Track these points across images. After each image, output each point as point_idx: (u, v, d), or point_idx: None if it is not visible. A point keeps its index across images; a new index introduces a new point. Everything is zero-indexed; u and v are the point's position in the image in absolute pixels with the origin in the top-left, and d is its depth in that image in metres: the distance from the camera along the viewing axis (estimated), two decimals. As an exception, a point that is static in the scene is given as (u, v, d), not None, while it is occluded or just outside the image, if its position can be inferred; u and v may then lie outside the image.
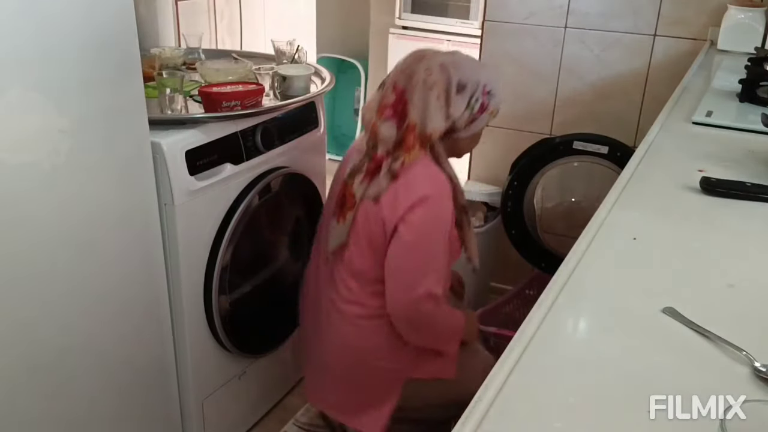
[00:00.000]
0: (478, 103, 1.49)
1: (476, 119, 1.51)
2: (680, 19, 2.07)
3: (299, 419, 1.96)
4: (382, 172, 1.47)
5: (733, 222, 0.98)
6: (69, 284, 1.26)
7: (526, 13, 2.25)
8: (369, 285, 1.52)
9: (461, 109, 1.48)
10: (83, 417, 1.36)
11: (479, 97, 1.49)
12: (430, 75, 1.47)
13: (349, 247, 1.51)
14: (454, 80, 1.48)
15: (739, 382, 0.64)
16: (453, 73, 1.48)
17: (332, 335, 1.58)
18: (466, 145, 1.58)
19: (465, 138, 1.54)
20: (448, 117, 1.48)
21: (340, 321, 1.56)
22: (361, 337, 1.56)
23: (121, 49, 1.26)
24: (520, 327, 0.72)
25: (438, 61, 1.49)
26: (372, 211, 1.47)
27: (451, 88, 1.47)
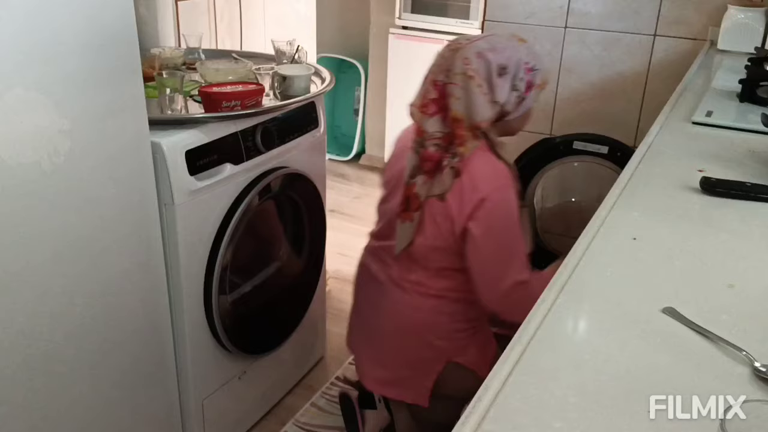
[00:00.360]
0: (523, 83, 1.49)
1: (524, 98, 1.50)
2: (680, 19, 2.07)
3: (299, 419, 1.96)
4: (444, 171, 1.47)
5: (733, 222, 0.98)
6: (68, 284, 1.26)
7: (526, 13, 2.25)
8: (432, 271, 1.56)
9: (506, 92, 1.48)
10: (83, 417, 1.36)
11: (522, 76, 1.48)
12: (469, 65, 1.46)
13: (414, 244, 1.54)
14: (494, 65, 1.46)
15: (739, 382, 0.64)
16: (492, 58, 1.47)
17: (389, 308, 1.62)
18: (519, 124, 1.58)
19: (517, 118, 1.54)
20: (495, 103, 1.47)
21: (400, 296, 1.60)
22: (418, 313, 1.59)
23: (121, 49, 1.26)
24: (520, 327, 0.72)
25: (474, 50, 1.48)
26: (439, 209, 1.48)
27: (492, 73, 1.46)
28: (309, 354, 2.18)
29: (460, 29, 3.33)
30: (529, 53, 1.51)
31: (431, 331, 1.61)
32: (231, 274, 1.68)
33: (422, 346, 1.62)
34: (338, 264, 2.81)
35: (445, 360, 1.61)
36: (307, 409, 2.00)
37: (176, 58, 1.87)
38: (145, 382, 1.51)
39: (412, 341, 1.63)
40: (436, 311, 1.59)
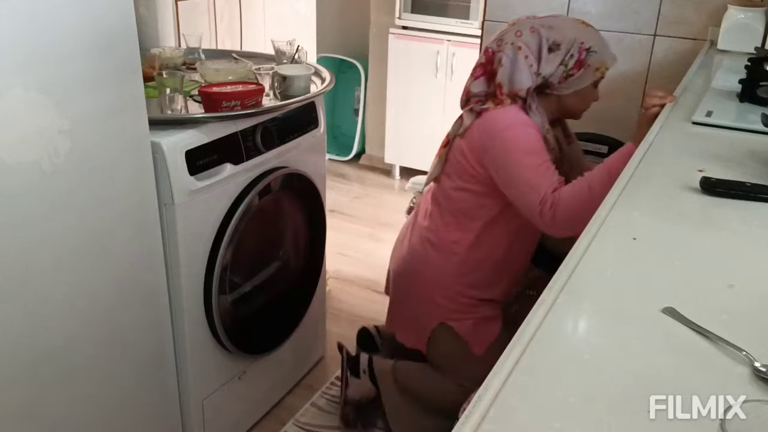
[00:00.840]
0: (573, 60, 1.55)
1: (572, 75, 1.57)
2: (680, 19, 2.07)
3: (299, 419, 1.96)
4: (466, 111, 1.61)
5: (733, 222, 0.98)
6: (68, 284, 1.26)
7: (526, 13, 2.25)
8: (448, 214, 1.66)
9: (554, 67, 1.55)
10: (83, 417, 1.36)
11: (574, 54, 1.55)
12: (520, 37, 1.56)
13: (441, 178, 1.68)
14: (547, 40, 1.55)
15: (739, 382, 0.64)
16: (545, 33, 1.56)
17: (404, 253, 1.77)
18: (575, 104, 1.64)
19: (569, 95, 1.61)
20: (539, 74, 1.56)
21: (414, 243, 1.73)
22: (424, 262, 1.71)
23: (121, 49, 1.26)
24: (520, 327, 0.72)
25: (530, 24, 1.58)
26: (459, 145, 1.61)
27: (543, 48, 1.55)
28: (309, 354, 2.18)
29: (460, 29, 3.34)
30: (591, 36, 1.58)
31: (434, 287, 1.70)
32: (231, 274, 1.68)
33: (424, 299, 1.72)
34: (338, 264, 2.81)
35: (440, 318, 1.70)
36: (307, 409, 2.00)
37: (176, 58, 1.87)
38: (145, 382, 1.51)
39: (416, 291, 1.73)
40: (443, 268, 1.68)
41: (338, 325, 2.34)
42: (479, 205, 1.63)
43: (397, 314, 1.84)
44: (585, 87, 1.60)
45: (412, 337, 1.79)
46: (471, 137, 1.58)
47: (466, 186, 1.63)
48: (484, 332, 1.70)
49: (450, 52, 3.39)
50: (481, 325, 1.69)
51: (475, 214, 1.64)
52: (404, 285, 1.79)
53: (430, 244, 1.70)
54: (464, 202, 1.64)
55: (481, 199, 1.62)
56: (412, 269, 1.75)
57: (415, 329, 1.77)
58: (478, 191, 1.62)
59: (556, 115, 1.65)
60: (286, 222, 1.96)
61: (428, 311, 1.72)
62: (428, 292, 1.71)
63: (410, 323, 1.79)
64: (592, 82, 1.60)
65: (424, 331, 1.73)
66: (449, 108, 3.47)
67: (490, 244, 1.65)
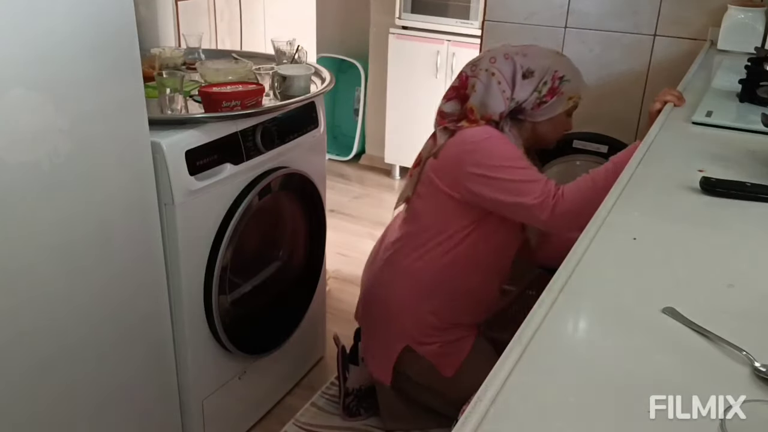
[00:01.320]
0: (546, 87, 1.57)
1: (545, 102, 1.58)
2: (680, 19, 2.07)
3: (299, 419, 1.96)
4: (439, 130, 1.60)
5: (733, 222, 0.98)
6: (68, 284, 1.26)
7: (526, 13, 2.24)
8: (415, 237, 1.66)
9: (528, 93, 1.57)
10: (83, 417, 1.36)
11: (548, 81, 1.57)
12: (494, 63, 1.58)
13: (412, 200, 1.68)
14: (521, 67, 1.57)
15: (739, 382, 0.64)
16: (519, 61, 1.58)
17: (371, 276, 1.78)
18: (547, 132, 1.65)
19: (543, 122, 1.62)
20: (512, 99, 1.57)
21: (381, 263, 1.74)
22: (390, 286, 1.71)
23: (121, 49, 1.26)
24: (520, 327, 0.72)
25: (503, 52, 1.59)
26: (432, 166, 1.61)
27: (517, 74, 1.57)
28: (309, 354, 2.18)
29: (460, 29, 3.34)
30: (565, 65, 1.61)
31: (399, 310, 1.69)
32: (231, 274, 1.68)
33: (390, 322, 1.72)
34: (338, 264, 2.81)
35: (405, 341, 1.69)
36: (307, 409, 2.00)
37: (176, 58, 1.87)
38: (145, 382, 1.51)
39: (383, 315, 1.74)
40: (407, 292, 1.67)
41: (338, 325, 2.34)
42: (448, 230, 1.62)
43: (367, 341, 1.84)
44: (558, 115, 1.61)
45: (378, 366, 1.78)
46: (445, 156, 1.57)
47: (436, 208, 1.62)
48: (452, 354, 1.69)
49: (450, 52, 3.39)
50: (447, 347, 1.68)
51: (442, 238, 1.62)
52: (372, 310, 1.78)
53: (396, 267, 1.69)
54: (433, 225, 1.63)
55: (450, 223, 1.61)
56: (378, 294, 1.75)
57: (381, 357, 1.76)
58: (449, 215, 1.60)
59: (530, 142, 1.65)
60: (286, 222, 1.96)
61: (395, 335, 1.71)
62: (394, 316, 1.70)
63: (377, 350, 1.78)
64: (565, 110, 1.61)
65: (390, 357, 1.72)
66: (449, 108, 3.47)
67: (456, 269, 1.64)
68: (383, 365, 1.75)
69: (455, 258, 1.63)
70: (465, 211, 1.58)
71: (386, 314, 1.72)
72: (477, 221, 1.59)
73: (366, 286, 1.81)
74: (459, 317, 1.70)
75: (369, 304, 1.79)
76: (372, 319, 1.79)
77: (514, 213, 1.53)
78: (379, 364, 1.77)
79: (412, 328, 1.68)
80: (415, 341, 1.68)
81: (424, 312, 1.66)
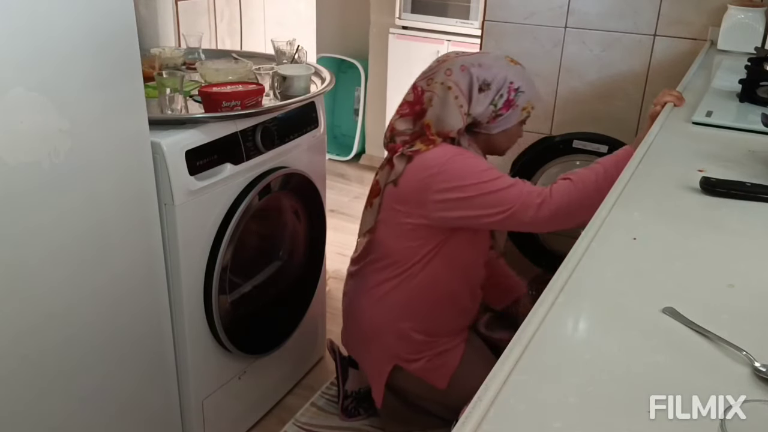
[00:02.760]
0: (502, 100, 1.54)
1: (501, 115, 1.55)
2: (680, 19, 2.07)
3: (299, 419, 1.96)
4: (397, 158, 1.55)
5: (733, 222, 0.98)
6: (68, 284, 1.26)
7: (526, 13, 2.25)
8: (382, 262, 1.63)
9: (484, 106, 1.53)
10: (83, 416, 1.36)
11: (504, 93, 1.53)
12: (450, 76, 1.53)
13: (376, 228, 1.64)
14: (477, 80, 1.53)
15: (739, 382, 0.64)
16: (475, 73, 1.53)
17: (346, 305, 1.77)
18: (502, 142, 1.62)
19: (498, 134, 1.59)
20: (468, 114, 1.53)
21: (352, 293, 1.73)
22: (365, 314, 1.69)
23: (121, 49, 1.26)
24: (520, 327, 0.72)
25: (459, 63, 1.55)
26: (393, 194, 1.57)
27: (473, 87, 1.53)
28: (309, 354, 2.18)
29: (460, 29, 3.33)
30: (520, 76, 1.57)
31: (382, 332, 1.67)
32: (231, 274, 1.68)
33: (375, 345, 1.70)
34: (338, 264, 2.81)
35: (391, 360, 1.68)
36: (307, 409, 2.00)
37: (176, 58, 1.87)
38: (145, 382, 1.51)
39: (367, 340, 1.72)
40: (384, 316, 1.65)
41: (338, 325, 2.33)
42: (414, 254, 1.59)
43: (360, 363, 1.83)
44: (512, 126, 1.59)
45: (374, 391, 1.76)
46: (406, 183, 1.53)
47: (400, 236, 1.59)
48: (442, 366, 1.68)
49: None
50: (435, 360, 1.67)
51: (409, 264, 1.60)
52: (353, 337, 1.78)
53: (367, 294, 1.68)
54: (398, 251, 1.61)
55: (416, 249, 1.59)
56: (354, 320, 1.74)
57: (373, 378, 1.75)
58: (413, 241, 1.58)
59: (485, 152, 1.63)
60: (286, 222, 1.96)
61: (379, 356, 1.70)
62: (374, 339, 1.69)
63: (368, 372, 1.77)
64: (519, 120, 1.59)
65: (380, 378, 1.71)
66: (449, 108, 3.47)
67: (428, 288, 1.62)
68: (374, 387, 1.74)
69: (425, 278, 1.61)
70: (430, 235, 1.56)
71: (366, 339, 1.72)
72: (442, 240, 1.57)
73: (344, 313, 1.80)
74: (442, 327, 1.68)
75: (349, 331, 1.80)
76: (356, 345, 1.79)
77: (501, 224, 1.49)
78: (371, 385, 1.77)
79: (396, 347, 1.66)
80: (402, 359, 1.66)
81: (405, 330, 1.65)
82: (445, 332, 1.68)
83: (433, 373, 1.67)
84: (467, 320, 1.76)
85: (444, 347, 1.68)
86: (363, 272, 1.70)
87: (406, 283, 1.61)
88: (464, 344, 1.71)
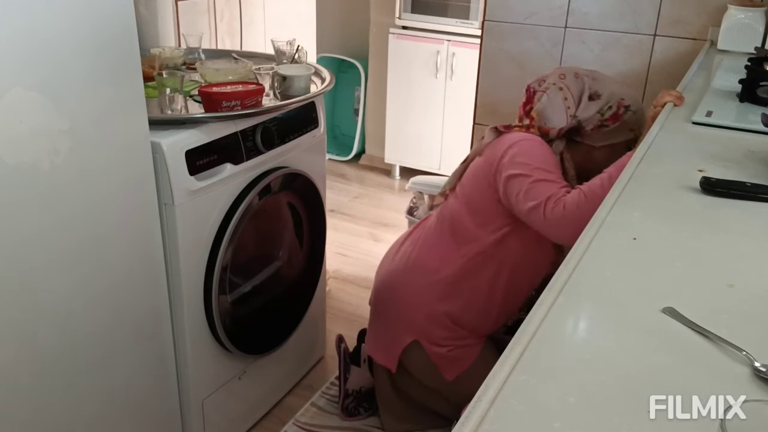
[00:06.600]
0: (611, 111, 1.57)
1: (607, 126, 1.57)
2: (680, 19, 2.07)
3: (299, 419, 1.96)
4: (488, 130, 1.61)
5: (733, 222, 0.98)
6: (68, 284, 1.26)
7: (527, 13, 2.25)
8: (444, 235, 1.65)
9: (591, 113, 1.56)
10: (83, 416, 1.36)
11: (613, 106, 1.57)
12: (563, 79, 1.58)
13: (450, 195, 1.68)
14: (589, 89, 1.58)
15: (739, 382, 0.64)
16: (588, 83, 1.59)
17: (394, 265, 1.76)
18: (603, 159, 1.58)
19: (601, 148, 1.59)
20: (574, 117, 1.56)
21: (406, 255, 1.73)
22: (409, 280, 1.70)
23: (121, 49, 1.26)
24: (520, 327, 0.72)
25: (574, 71, 1.61)
26: (477, 164, 1.61)
27: (584, 94, 1.57)
28: (309, 354, 2.18)
29: (460, 29, 3.34)
30: (632, 97, 1.60)
31: (416, 305, 1.68)
32: (231, 274, 1.68)
33: (403, 314, 1.71)
34: (338, 264, 2.82)
35: (415, 335, 1.68)
36: (307, 409, 2.00)
37: (176, 58, 1.87)
38: (145, 382, 1.51)
39: (397, 305, 1.72)
40: (426, 289, 1.66)
41: (338, 325, 2.34)
42: (476, 233, 1.60)
43: (375, 327, 1.82)
44: (617, 143, 1.59)
45: (384, 353, 1.77)
46: (488, 154, 1.57)
47: (469, 209, 1.61)
48: (459, 359, 1.68)
49: (450, 52, 3.39)
50: (456, 352, 1.67)
51: (469, 241, 1.61)
52: (387, 298, 1.77)
53: (416, 262, 1.68)
54: (462, 226, 1.62)
55: (479, 227, 1.59)
56: (397, 283, 1.73)
57: (389, 344, 1.74)
58: (480, 217, 1.59)
59: (582, 166, 1.60)
60: (286, 222, 1.96)
61: (406, 326, 1.70)
62: (409, 309, 1.69)
63: (385, 337, 1.77)
64: (625, 141, 1.59)
65: (397, 345, 1.71)
66: (449, 108, 3.47)
67: (478, 276, 1.62)
68: (390, 353, 1.74)
69: (480, 264, 1.61)
70: (496, 216, 1.56)
71: (399, 305, 1.71)
72: (507, 228, 1.56)
73: (383, 273, 1.79)
74: (472, 324, 1.67)
75: (383, 292, 1.78)
76: (384, 307, 1.77)
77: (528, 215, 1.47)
78: (386, 351, 1.75)
79: (424, 325, 1.67)
80: (426, 339, 1.67)
81: (439, 312, 1.65)
82: (471, 329, 1.68)
83: (448, 363, 1.67)
84: (493, 328, 1.74)
85: (467, 342, 1.68)
86: (424, 238, 1.70)
87: (459, 263, 1.62)
88: (482, 346, 1.71)
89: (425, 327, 1.67)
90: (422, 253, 1.68)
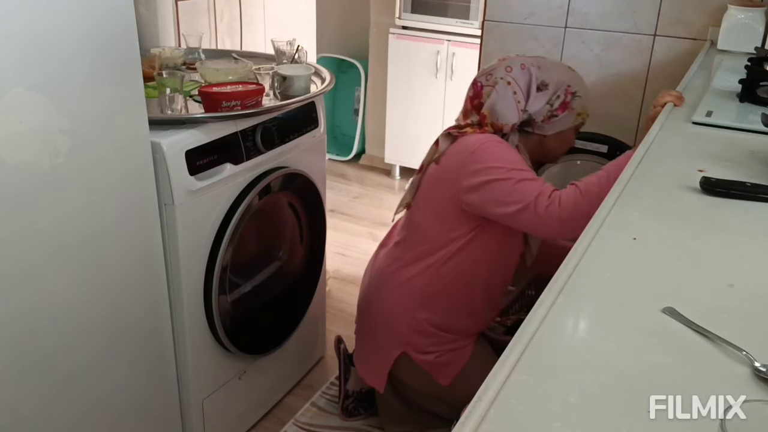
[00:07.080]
0: (559, 101, 1.57)
1: (556, 116, 1.58)
2: (680, 19, 2.07)
3: (299, 419, 1.96)
4: (442, 136, 1.59)
5: (733, 222, 0.98)
6: (68, 284, 1.26)
7: (526, 13, 2.25)
8: (411, 245, 1.65)
9: (540, 105, 1.56)
10: (83, 416, 1.36)
11: (561, 95, 1.57)
12: (510, 72, 1.56)
13: (412, 206, 1.67)
14: (536, 79, 1.56)
15: (739, 382, 0.64)
16: (535, 73, 1.57)
17: (367, 281, 1.78)
18: (555, 146, 1.64)
19: (551, 137, 1.61)
20: (525, 111, 1.56)
21: (378, 270, 1.73)
22: (384, 293, 1.70)
23: (121, 49, 1.26)
24: (520, 327, 0.72)
25: (519, 62, 1.58)
26: (434, 172, 1.60)
27: (532, 85, 1.56)
28: (309, 354, 2.18)
29: (460, 29, 3.34)
30: (577, 81, 1.61)
31: (395, 317, 1.68)
32: (231, 274, 1.68)
33: (385, 328, 1.70)
34: (338, 264, 2.82)
35: (401, 347, 1.68)
36: (307, 409, 2.00)
37: (176, 58, 1.87)
38: (145, 382, 1.51)
39: (379, 320, 1.72)
40: (402, 300, 1.66)
41: (338, 325, 2.34)
42: (446, 239, 1.59)
43: (361, 347, 1.82)
44: (567, 130, 1.61)
45: (371, 374, 1.76)
46: (447, 162, 1.56)
47: (434, 217, 1.60)
48: (450, 363, 1.67)
49: (450, 52, 3.39)
50: (445, 356, 1.67)
51: (439, 248, 1.60)
52: (367, 316, 1.77)
53: (391, 275, 1.68)
54: (430, 234, 1.61)
55: (448, 233, 1.59)
56: (372, 300, 1.74)
57: (377, 363, 1.74)
58: (447, 224, 1.59)
59: (536, 156, 1.64)
60: (286, 222, 1.96)
61: (390, 340, 1.69)
62: (389, 322, 1.69)
63: (373, 357, 1.76)
64: (574, 125, 1.61)
65: (385, 363, 1.70)
66: (449, 108, 3.47)
67: (453, 280, 1.62)
68: (377, 371, 1.73)
69: (452, 268, 1.60)
70: (463, 220, 1.56)
71: (380, 321, 1.71)
72: (475, 230, 1.57)
73: (363, 291, 1.80)
74: (457, 326, 1.67)
75: (364, 310, 1.79)
76: (367, 325, 1.78)
77: (513, 218, 1.47)
78: (373, 370, 1.75)
79: (408, 335, 1.66)
80: (413, 349, 1.66)
81: (419, 320, 1.64)
82: (457, 331, 1.68)
83: (440, 370, 1.67)
84: (480, 326, 1.75)
85: (455, 345, 1.68)
86: (391, 252, 1.70)
87: (431, 271, 1.61)
88: (473, 345, 1.71)
89: (409, 337, 1.66)
90: (394, 266, 1.68)
